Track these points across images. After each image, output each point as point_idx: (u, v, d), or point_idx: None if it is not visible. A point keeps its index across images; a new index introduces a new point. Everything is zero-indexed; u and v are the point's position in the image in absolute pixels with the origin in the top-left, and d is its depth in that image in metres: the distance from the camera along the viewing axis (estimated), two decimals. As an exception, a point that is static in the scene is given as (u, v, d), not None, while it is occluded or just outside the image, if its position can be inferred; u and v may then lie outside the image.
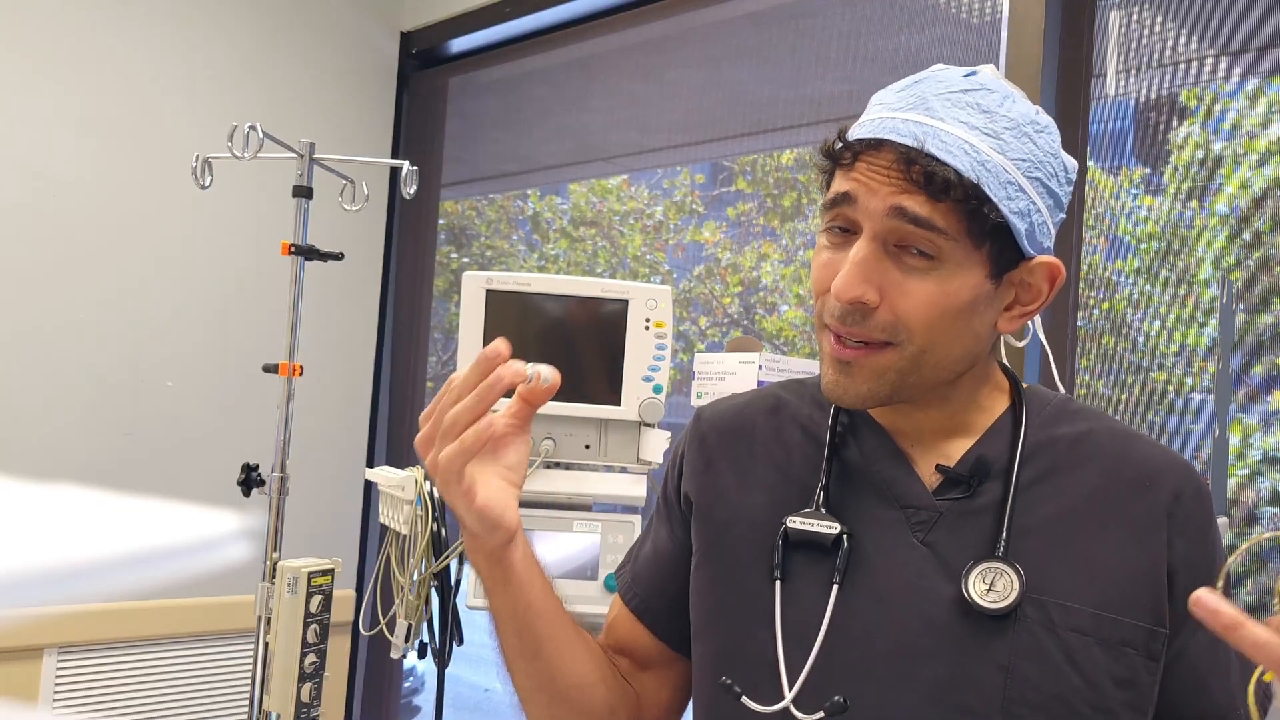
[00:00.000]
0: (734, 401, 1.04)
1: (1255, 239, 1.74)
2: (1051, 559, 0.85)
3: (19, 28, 2.47)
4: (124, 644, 2.54)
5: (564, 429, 1.75)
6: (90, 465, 2.55)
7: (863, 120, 0.87)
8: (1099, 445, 0.90)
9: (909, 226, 0.81)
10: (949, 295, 0.83)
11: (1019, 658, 0.82)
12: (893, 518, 0.89)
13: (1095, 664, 0.82)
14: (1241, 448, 1.73)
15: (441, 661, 1.82)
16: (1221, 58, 1.80)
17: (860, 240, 0.83)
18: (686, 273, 2.98)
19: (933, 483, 0.90)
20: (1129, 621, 0.83)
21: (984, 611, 0.82)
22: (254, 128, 2.08)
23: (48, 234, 2.51)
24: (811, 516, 0.90)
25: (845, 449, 0.94)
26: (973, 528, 0.87)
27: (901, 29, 2.21)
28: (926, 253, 0.82)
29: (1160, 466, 0.89)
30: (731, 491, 0.97)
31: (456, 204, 3.36)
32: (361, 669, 3.13)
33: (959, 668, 0.83)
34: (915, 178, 0.80)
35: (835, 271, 0.84)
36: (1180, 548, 0.86)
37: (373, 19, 3.09)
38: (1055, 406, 0.94)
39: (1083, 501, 0.87)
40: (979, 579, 0.83)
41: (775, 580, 0.89)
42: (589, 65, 2.91)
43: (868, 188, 0.82)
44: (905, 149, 0.81)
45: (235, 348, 2.74)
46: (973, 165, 0.81)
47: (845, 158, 0.85)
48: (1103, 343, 1.90)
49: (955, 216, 0.81)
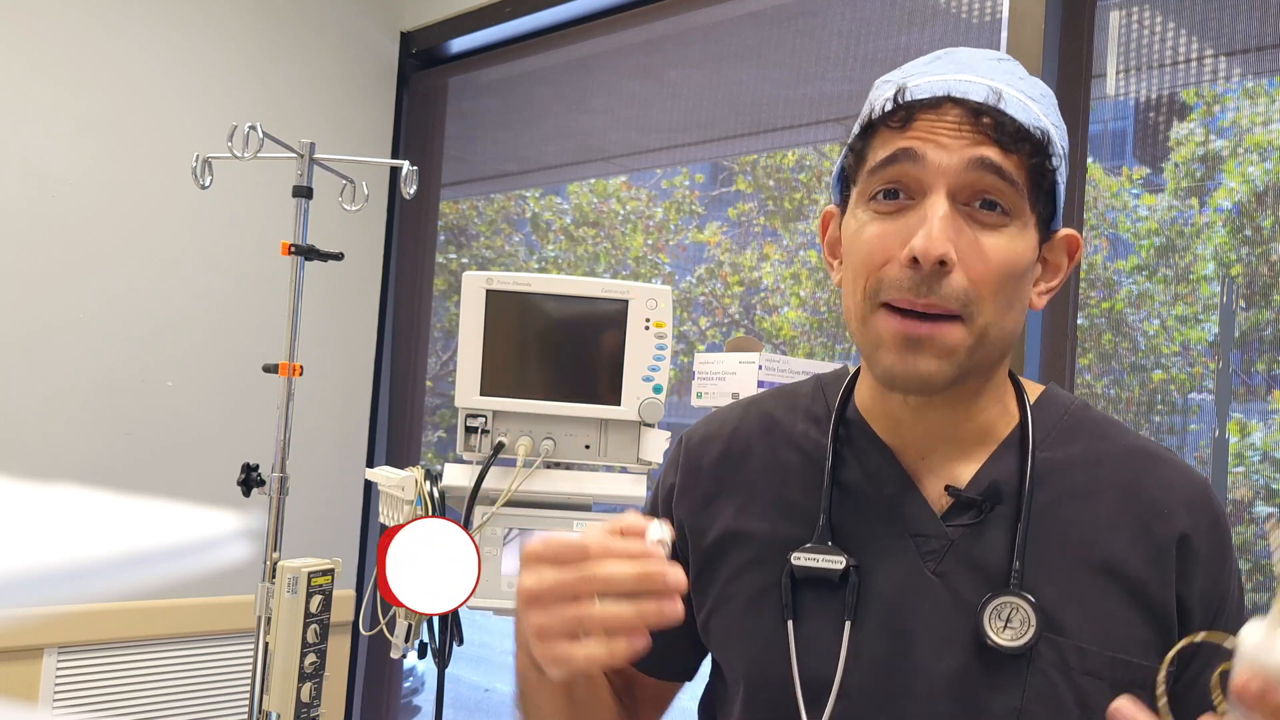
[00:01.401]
0: (722, 423, 0.98)
1: (1257, 234, 1.74)
2: (1065, 595, 0.82)
3: (19, 28, 2.47)
4: (124, 644, 2.54)
5: (564, 429, 1.75)
6: (90, 465, 2.54)
7: (894, 88, 0.83)
8: (1115, 470, 0.87)
9: (990, 177, 0.79)
10: (1017, 255, 0.80)
11: (1032, 701, 0.80)
12: (902, 547, 0.85)
13: (1106, 708, 0.80)
14: (1240, 447, 1.73)
15: (441, 661, 1.82)
16: (1221, 57, 1.80)
17: (935, 197, 0.79)
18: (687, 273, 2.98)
19: (941, 506, 0.86)
20: (1140, 662, 0.81)
21: (1002, 650, 0.80)
22: (254, 128, 2.08)
23: (47, 234, 2.51)
24: (816, 551, 0.86)
25: (846, 469, 0.89)
26: (984, 556, 0.84)
27: (901, 29, 2.21)
28: (1003, 208, 0.80)
29: (1176, 496, 0.86)
30: (734, 528, 0.92)
31: (456, 204, 3.35)
32: (361, 669, 3.13)
33: (973, 710, 0.81)
34: (987, 129, 0.79)
35: (893, 242, 0.80)
36: (1194, 581, 0.84)
37: (373, 19, 3.09)
38: (1072, 418, 0.90)
39: (1099, 531, 0.84)
40: (995, 615, 0.81)
41: (788, 622, 0.86)
42: (589, 65, 2.91)
43: (938, 143, 0.79)
44: (974, 104, 0.79)
45: (235, 348, 2.74)
46: (1035, 120, 0.80)
47: (896, 120, 0.81)
48: (1102, 342, 1.90)
49: (1023, 171, 0.80)
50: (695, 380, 1.76)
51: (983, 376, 0.86)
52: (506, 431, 1.75)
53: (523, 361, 1.77)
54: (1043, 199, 0.82)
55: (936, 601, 0.83)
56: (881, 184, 0.81)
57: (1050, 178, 0.81)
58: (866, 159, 0.83)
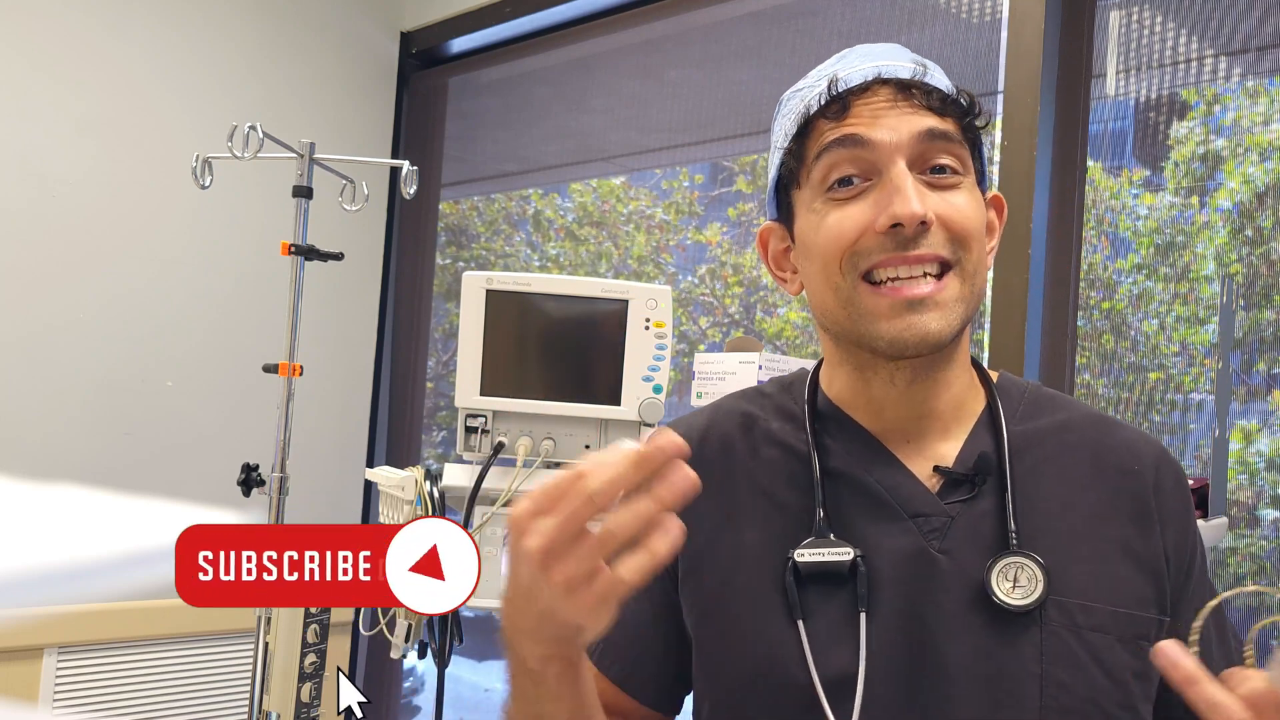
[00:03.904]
0: (690, 425, 0.94)
1: (1257, 234, 1.74)
2: (1064, 556, 0.83)
3: (19, 28, 2.47)
4: (124, 644, 2.54)
5: (564, 429, 1.75)
6: (90, 465, 2.54)
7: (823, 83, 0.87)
8: (1082, 433, 0.90)
9: (940, 143, 0.83)
10: (979, 208, 0.86)
11: (1050, 664, 0.80)
12: (903, 529, 0.84)
13: (1119, 662, 0.81)
14: (1241, 449, 1.73)
15: (441, 661, 1.82)
16: (1221, 57, 1.80)
17: (896, 168, 0.82)
18: (687, 273, 2.98)
19: (933, 486, 0.86)
20: (1141, 615, 0.82)
21: (1013, 609, 0.80)
22: (254, 128, 2.08)
23: (47, 234, 2.51)
24: (819, 544, 0.84)
25: (831, 458, 0.88)
26: (983, 528, 0.84)
27: (901, 29, 2.21)
28: (953, 169, 0.84)
29: (1142, 451, 0.89)
30: (722, 533, 0.88)
31: (456, 204, 3.35)
32: (361, 669, 3.13)
33: (996, 679, 0.80)
34: (920, 100, 0.84)
35: (863, 218, 0.82)
36: (1170, 534, 0.86)
37: (372, 19, 3.09)
38: (1030, 397, 0.93)
39: (1079, 492, 0.86)
40: (1002, 577, 0.81)
41: (798, 622, 0.83)
42: (589, 65, 2.91)
43: (881, 124, 0.83)
44: (904, 80, 0.84)
45: (235, 348, 2.74)
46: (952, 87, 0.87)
47: (833, 110, 0.85)
48: (1102, 342, 1.89)
49: (960, 133, 0.85)
50: (695, 380, 1.76)
51: (962, 340, 0.88)
52: (506, 431, 1.75)
53: (523, 361, 1.77)
54: (977, 159, 0.88)
55: (945, 579, 0.83)
56: (835, 171, 0.84)
57: (978, 137, 0.87)
58: (807, 155, 0.86)
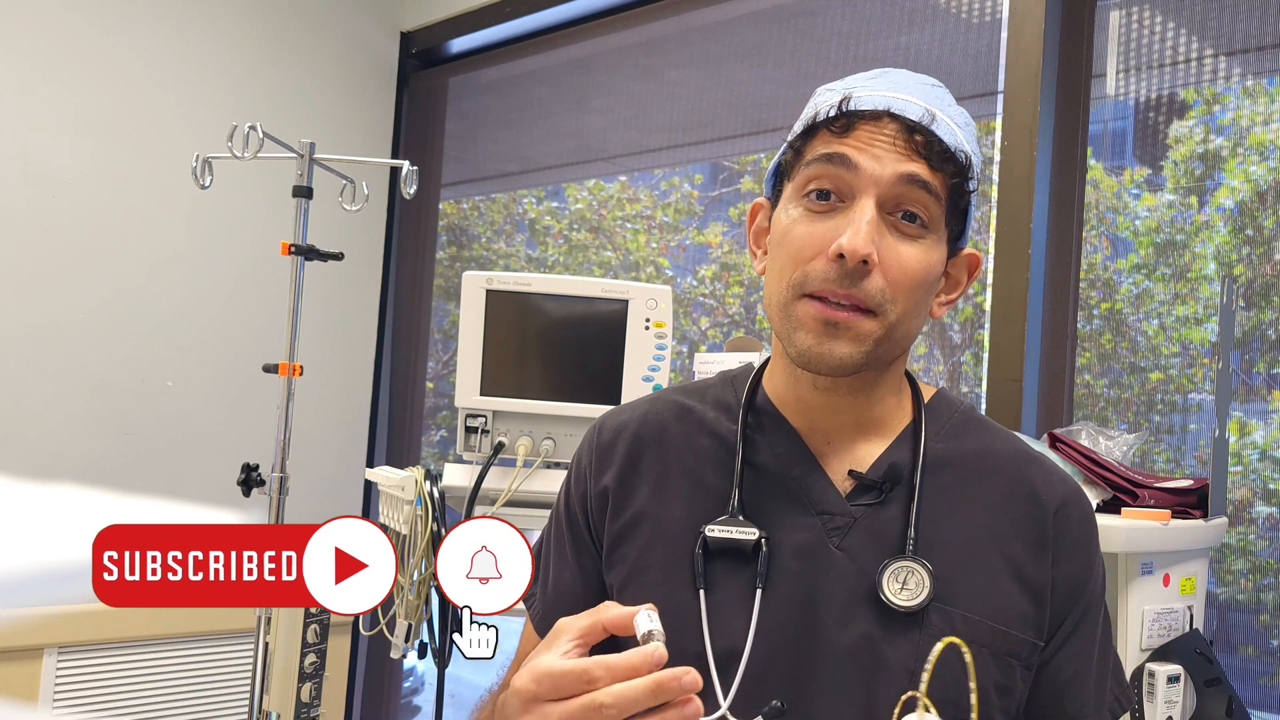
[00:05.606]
0: (632, 410, 1.02)
1: (1258, 234, 1.74)
2: (955, 570, 0.89)
3: (19, 28, 2.47)
4: (124, 644, 2.54)
5: (564, 429, 1.75)
6: (90, 465, 2.55)
7: (839, 96, 0.89)
8: (1000, 464, 0.94)
9: (917, 192, 0.86)
10: (929, 266, 0.88)
11: (921, 662, 0.85)
12: (809, 523, 0.91)
13: (985, 673, 0.87)
14: (1241, 449, 1.73)
15: (441, 661, 1.82)
16: (1221, 57, 1.80)
17: (864, 202, 0.85)
18: (688, 273, 2.98)
19: (845, 488, 0.92)
20: (1016, 635, 0.89)
21: (899, 609, 0.86)
22: (254, 128, 2.08)
23: (47, 234, 2.51)
24: (729, 523, 0.91)
25: (757, 453, 0.95)
26: (884, 531, 0.90)
27: (901, 29, 2.21)
28: (922, 221, 0.87)
29: (1055, 485, 0.94)
30: (649, 505, 0.96)
31: (457, 204, 3.36)
32: (361, 669, 3.13)
33: (872, 669, 0.87)
34: (919, 147, 0.86)
35: (823, 240, 0.86)
36: (1063, 565, 0.92)
37: (373, 19, 3.09)
38: (960, 417, 0.98)
39: (984, 513, 0.92)
40: (892, 578, 0.87)
41: (699, 590, 0.90)
42: (589, 65, 2.91)
43: (872, 154, 0.86)
44: (910, 122, 0.86)
45: (235, 348, 2.74)
46: (960, 144, 0.89)
47: (838, 125, 0.87)
48: (1102, 343, 1.90)
49: (945, 190, 0.88)
50: (695, 380, 1.76)
51: (883, 369, 0.93)
52: (506, 431, 1.75)
53: (523, 361, 1.77)
54: (957, 218, 0.91)
55: (840, 572, 0.89)
56: (816, 183, 0.88)
57: (966, 198, 0.90)
58: (804, 155, 0.90)
